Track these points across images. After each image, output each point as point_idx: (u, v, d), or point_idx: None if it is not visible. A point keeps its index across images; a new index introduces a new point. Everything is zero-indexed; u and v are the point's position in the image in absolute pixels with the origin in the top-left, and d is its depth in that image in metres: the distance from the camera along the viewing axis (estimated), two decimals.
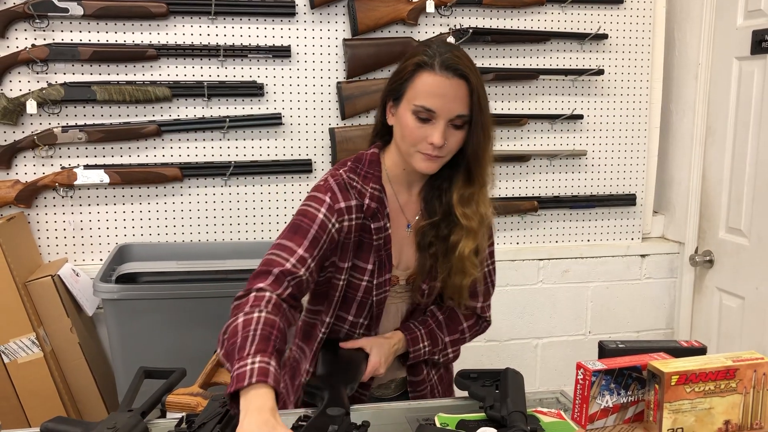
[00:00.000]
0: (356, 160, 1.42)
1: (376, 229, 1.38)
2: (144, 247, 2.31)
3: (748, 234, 2.40)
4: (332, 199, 1.36)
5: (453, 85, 1.27)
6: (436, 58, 1.29)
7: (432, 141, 1.28)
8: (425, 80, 1.29)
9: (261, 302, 1.20)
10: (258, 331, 1.12)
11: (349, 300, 1.43)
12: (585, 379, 0.95)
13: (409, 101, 1.31)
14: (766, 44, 2.28)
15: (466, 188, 1.38)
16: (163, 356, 1.94)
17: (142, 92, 2.26)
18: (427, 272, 1.44)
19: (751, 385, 0.96)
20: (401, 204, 1.44)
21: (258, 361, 1.06)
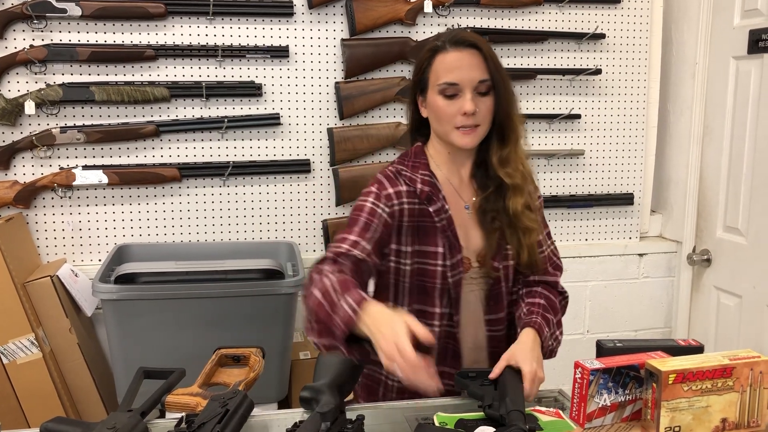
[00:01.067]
0: (402, 156, 1.50)
1: (435, 211, 1.42)
2: (143, 248, 2.31)
3: (745, 233, 2.41)
4: (379, 188, 1.42)
5: (467, 56, 1.37)
6: (446, 40, 1.40)
7: (464, 110, 1.36)
8: (441, 60, 1.39)
9: (324, 272, 1.27)
10: (336, 285, 1.21)
11: (429, 290, 1.44)
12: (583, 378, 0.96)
13: (433, 85, 1.40)
14: (762, 43, 2.28)
15: (501, 149, 1.43)
16: (163, 356, 1.94)
17: (141, 93, 2.26)
18: (496, 249, 1.46)
19: (748, 383, 0.96)
20: (455, 187, 1.48)
21: (350, 297, 1.17)
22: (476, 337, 1.49)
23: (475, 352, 1.50)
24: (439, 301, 1.45)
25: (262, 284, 2.01)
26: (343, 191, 2.44)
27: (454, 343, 1.47)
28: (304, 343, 2.39)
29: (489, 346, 1.50)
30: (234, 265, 2.06)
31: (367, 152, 2.46)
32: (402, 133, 2.46)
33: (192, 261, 2.14)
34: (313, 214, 2.47)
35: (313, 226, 2.48)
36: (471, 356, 1.49)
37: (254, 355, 1.47)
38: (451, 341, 1.47)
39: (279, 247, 2.36)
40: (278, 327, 2.06)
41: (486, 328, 1.49)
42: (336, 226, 2.46)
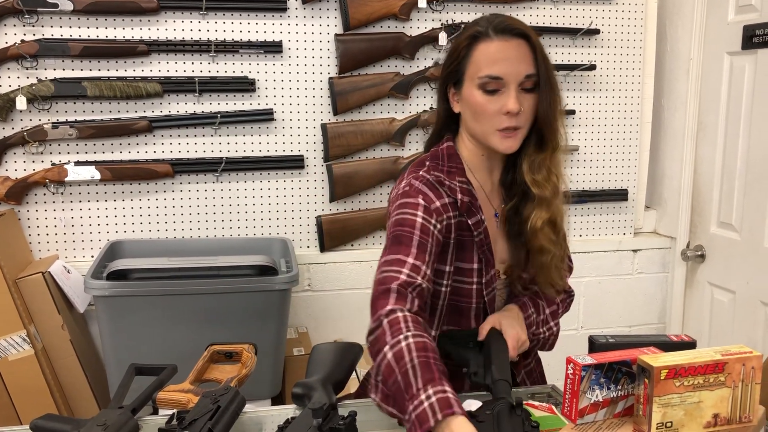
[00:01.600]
0: (433, 158, 1.33)
1: (474, 224, 1.29)
2: (135, 244, 2.30)
3: (739, 229, 2.41)
4: (426, 200, 1.26)
5: (514, 46, 1.22)
6: (489, 26, 1.24)
7: (508, 109, 1.21)
8: (484, 50, 1.23)
9: (400, 325, 1.09)
10: (415, 360, 1.03)
11: (465, 310, 1.33)
12: (575, 374, 0.95)
13: (472, 78, 1.25)
14: (757, 39, 2.28)
15: (536, 154, 1.28)
16: (155, 353, 1.93)
17: (133, 88, 2.25)
18: (524, 261, 1.35)
19: (740, 378, 0.96)
20: (487, 194, 1.36)
21: (433, 393, 0.98)
22: None
23: None
24: (475, 322, 1.34)
25: (256, 280, 2.00)
26: (337, 187, 2.43)
27: None
28: (298, 339, 2.39)
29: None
30: (227, 261, 2.05)
31: (361, 148, 2.45)
32: (396, 128, 2.46)
33: (185, 257, 2.13)
34: (306, 210, 2.47)
35: (306, 222, 2.47)
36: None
37: (246, 351, 1.47)
38: None
39: (272, 244, 2.36)
40: (272, 323, 2.05)
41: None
42: (330, 223, 2.45)
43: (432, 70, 2.45)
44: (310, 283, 2.48)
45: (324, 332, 2.48)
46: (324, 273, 2.49)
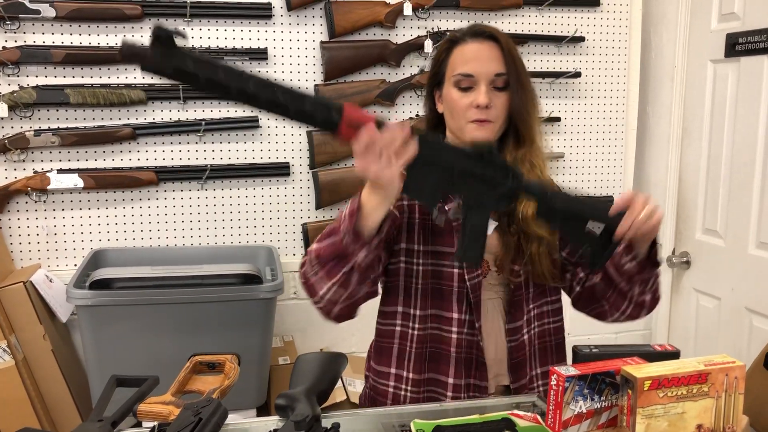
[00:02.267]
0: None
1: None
2: (119, 252, 2.28)
3: (723, 235, 2.42)
4: None
5: (485, 48, 1.33)
6: (465, 31, 1.37)
7: (477, 102, 1.31)
8: (459, 51, 1.35)
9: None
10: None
11: (446, 293, 1.38)
12: (558, 385, 0.95)
13: (449, 78, 1.36)
14: (739, 47, 2.30)
15: (517, 150, 1.36)
16: (139, 363, 1.92)
17: (117, 95, 2.23)
18: (514, 252, 1.38)
19: (723, 388, 0.96)
20: None
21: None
22: (497, 348, 1.42)
23: (496, 363, 1.42)
24: (457, 306, 1.38)
25: (240, 289, 1.98)
26: (323, 194, 2.42)
27: (479, 352, 1.39)
28: (283, 348, 2.37)
29: (509, 358, 1.42)
30: (211, 270, 2.04)
31: (347, 155, 2.44)
32: None
33: (168, 266, 2.11)
34: (292, 218, 2.46)
35: (292, 229, 2.46)
36: (493, 368, 1.42)
37: (229, 362, 1.45)
38: (475, 351, 1.39)
39: (258, 252, 2.34)
40: (257, 332, 2.04)
41: (507, 338, 1.41)
42: (316, 230, 2.44)
43: (418, 77, 2.45)
44: (296, 292, 2.46)
45: (310, 341, 2.47)
46: None
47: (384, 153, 1.04)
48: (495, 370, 1.42)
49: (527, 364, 1.43)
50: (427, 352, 1.41)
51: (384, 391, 1.46)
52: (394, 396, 1.45)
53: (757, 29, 2.23)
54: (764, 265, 2.23)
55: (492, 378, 1.42)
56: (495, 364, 1.42)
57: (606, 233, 1.23)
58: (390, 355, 1.45)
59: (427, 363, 1.42)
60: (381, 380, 1.47)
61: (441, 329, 1.40)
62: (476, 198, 1.17)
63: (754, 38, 2.24)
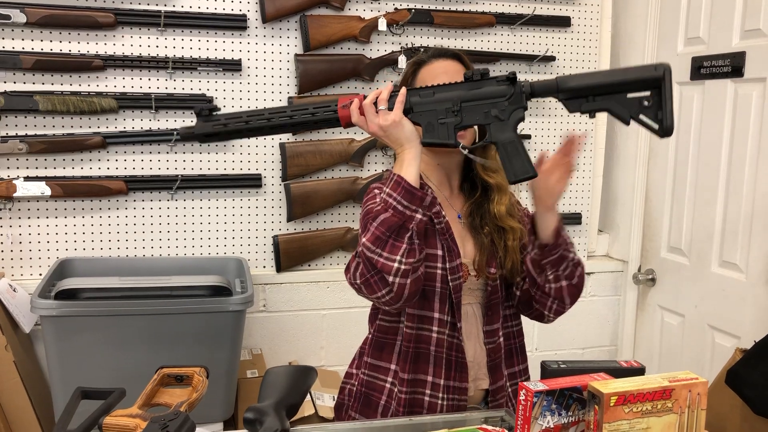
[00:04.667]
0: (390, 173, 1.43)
1: (434, 213, 1.42)
2: (86, 262, 2.24)
3: (688, 253, 2.48)
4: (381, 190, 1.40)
5: (449, 65, 1.44)
6: (428, 54, 1.47)
7: None
8: (425, 70, 1.45)
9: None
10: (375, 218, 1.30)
11: (429, 294, 1.43)
12: (527, 400, 0.96)
13: None
14: (704, 70, 2.37)
15: (484, 152, 1.45)
16: (105, 376, 1.88)
17: (87, 103, 2.21)
18: (489, 252, 1.46)
19: (686, 404, 0.98)
20: (446, 197, 1.50)
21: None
22: (476, 351, 1.47)
23: (475, 366, 1.47)
24: (439, 306, 1.43)
25: (209, 301, 1.97)
26: (295, 207, 2.42)
27: (459, 354, 1.44)
28: (251, 361, 2.35)
29: (488, 360, 1.48)
30: (180, 281, 2.02)
31: (319, 168, 2.45)
32: (355, 149, 2.46)
33: (136, 277, 2.09)
34: (263, 230, 2.45)
35: (264, 242, 2.45)
36: (473, 370, 1.47)
37: (198, 374, 1.43)
38: (455, 352, 1.44)
39: (228, 263, 2.33)
40: (225, 345, 2.02)
41: (485, 341, 1.48)
42: (287, 243, 2.43)
43: None
44: (265, 304, 2.45)
45: (279, 354, 2.46)
46: (280, 293, 2.46)
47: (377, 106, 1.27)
48: (474, 372, 1.47)
49: (502, 366, 1.50)
50: (412, 351, 1.45)
51: (381, 386, 1.49)
52: (389, 392, 1.48)
53: (720, 53, 2.29)
54: (726, 283, 2.29)
55: (471, 381, 1.47)
56: (474, 367, 1.47)
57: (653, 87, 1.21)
58: (392, 351, 1.48)
59: (411, 363, 1.45)
60: (380, 375, 1.50)
61: (422, 328, 1.45)
62: (488, 116, 1.27)
63: (718, 62, 2.30)
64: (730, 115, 2.28)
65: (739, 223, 2.24)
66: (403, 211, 1.28)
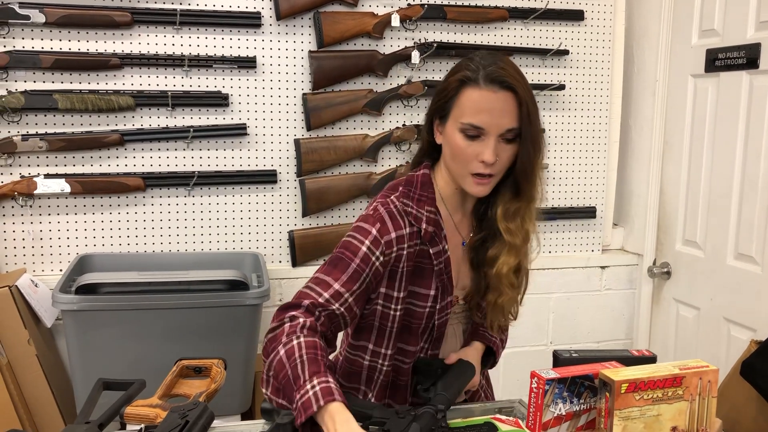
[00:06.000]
0: (407, 184, 1.36)
1: (435, 253, 1.33)
2: (105, 258, 2.28)
3: (703, 246, 2.47)
4: (380, 231, 1.29)
5: (500, 99, 1.22)
6: (480, 72, 1.23)
7: (483, 159, 1.24)
8: (470, 96, 1.24)
9: (296, 329, 1.17)
10: (304, 356, 1.12)
11: (413, 329, 1.38)
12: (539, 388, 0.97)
13: (455, 120, 1.27)
14: (719, 62, 2.36)
15: (512, 203, 1.33)
16: (124, 368, 1.92)
17: (105, 101, 2.24)
18: (483, 290, 1.40)
19: (697, 392, 0.99)
20: (456, 223, 1.40)
21: (317, 383, 1.08)
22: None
23: None
24: (421, 338, 1.40)
25: (226, 295, 2.00)
26: (310, 202, 2.44)
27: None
28: None
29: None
30: (197, 275, 2.05)
31: (334, 164, 2.47)
32: (369, 145, 2.48)
33: (155, 271, 2.12)
34: (279, 225, 2.47)
35: (279, 237, 2.48)
36: None
37: (216, 366, 1.46)
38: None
39: (244, 258, 2.36)
40: (242, 338, 2.05)
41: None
42: (302, 238, 2.46)
43: (405, 87, 2.48)
44: (281, 298, 2.47)
45: None
46: (296, 288, 2.42)
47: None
48: None
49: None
50: (389, 381, 1.43)
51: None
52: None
53: (735, 45, 2.28)
54: (742, 275, 2.28)
55: None
56: None
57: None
58: (359, 380, 1.46)
59: (388, 390, 1.44)
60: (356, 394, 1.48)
61: (402, 361, 1.42)
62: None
63: (733, 54, 2.29)
64: (745, 107, 2.27)
65: (754, 215, 2.23)
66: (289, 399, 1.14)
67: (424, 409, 1.14)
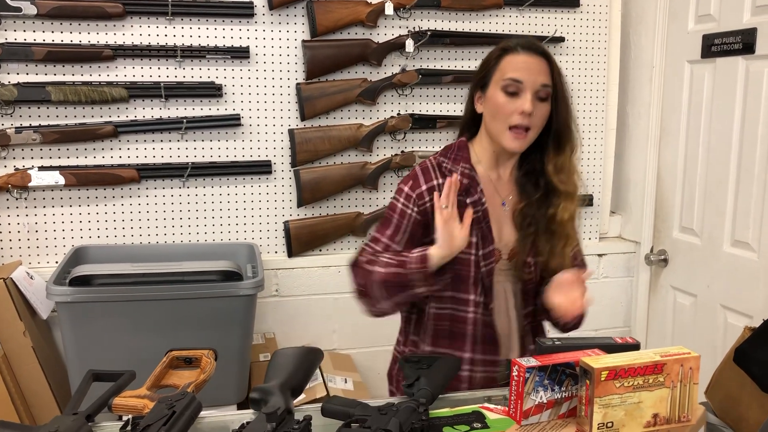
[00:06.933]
0: (445, 148, 1.56)
1: (472, 203, 1.47)
2: (100, 249, 2.29)
3: (700, 233, 2.46)
4: (412, 187, 1.49)
5: (535, 61, 1.45)
6: (517, 43, 1.47)
7: (523, 108, 1.41)
8: (510, 60, 1.45)
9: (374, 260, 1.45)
10: (393, 257, 1.44)
11: (464, 278, 1.49)
12: (519, 376, 0.97)
13: (497, 81, 1.46)
14: (715, 48, 2.33)
15: (557, 156, 1.49)
16: (119, 359, 1.92)
17: (98, 93, 2.24)
18: (529, 249, 1.52)
19: (678, 379, 0.99)
20: (493, 182, 1.54)
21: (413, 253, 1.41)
22: (507, 326, 1.55)
23: (508, 339, 1.56)
24: (474, 289, 1.50)
25: (220, 286, 2.00)
26: (305, 192, 2.44)
27: (491, 330, 1.52)
28: (264, 345, 2.39)
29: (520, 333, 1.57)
30: (191, 266, 2.05)
31: (328, 153, 2.46)
32: (363, 134, 2.47)
33: (148, 263, 2.12)
34: (274, 216, 2.47)
35: (274, 227, 2.48)
36: (505, 344, 1.55)
37: (206, 357, 1.47)
38: (487, 329, 1.52)
39: (239, 249, 2.36)
40: (237, 329, 2.05)
41: (516, 316, 1.56)
42: (298, 228, 2.46)
43: (399, 76, 2.47)
44: (277, 289, 2.48)
45: (292, 338, 2.48)
46: (292, 278, 2.49)
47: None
48: (506, 344, 1.55)
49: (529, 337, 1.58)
50: (447, 329, 1.54)
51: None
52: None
53: (732, 30, 2.26)
54: (738, 262, 2.27)
55: (503, 354, 1.54)
56: (505, 341, 1.55)
57: None
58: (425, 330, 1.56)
59: (448, 340, 1.54)
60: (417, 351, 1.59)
61: (458, 309, 1.52)
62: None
63: (729, 39, 2.27)
64: (741, 92, 2.24)
65: (751, 201, 2.22)
66: (413, 281, 1.39)
67: (405, 404, 1.15)
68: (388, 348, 2.58)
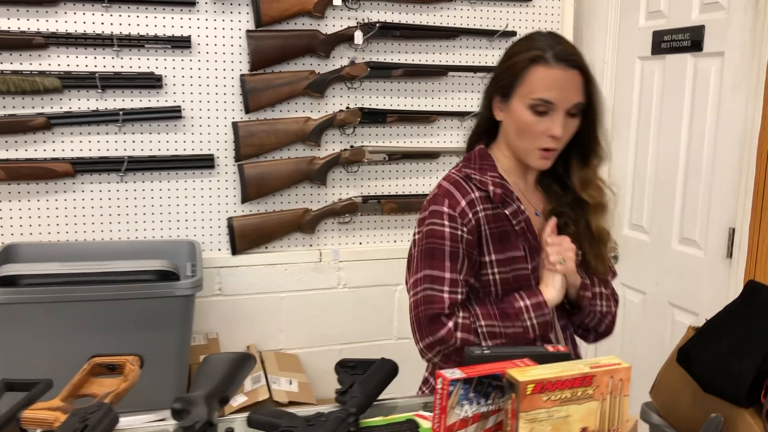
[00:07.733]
0: (466, 159, 1.42)
1: (512, 213, 1.37)
2: (32, 248, 2.19)
3: (649, 230, 2.45)
4: (450, 205, 1.34)
5: (569, 77, 1.28)
6: (549, 51, 1.29)
7: (553, 133, 1.29)
8: (541, 74, 1.28)
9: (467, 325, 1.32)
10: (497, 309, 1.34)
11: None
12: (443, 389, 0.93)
13: (524, 96, 1.30)
14: (665, 44, 2.32)
15: (582, 170, 1.40)
16: (48, 365, 1.82)
17: (29, 82, 2.14)
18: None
19: (608, 391, 0.95)
20: (522, 191, 1.43)
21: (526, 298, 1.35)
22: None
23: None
24: None
25: (155, 286, 1.92)
26: (249, 188, 2.37)
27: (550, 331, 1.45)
28: (206, 346, 2.32)
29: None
30: (124, 266, 1.97)
31: (274, 147, 2.39)
32: (311, 128, 2.40)
33: (79, 262, 2.03)
34: (217, 212, 2.40)
35: (218, 224, 2.40)
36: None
37: (130, 363, 1.39)
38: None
39: (179, 247, 2.28)
40: (174, 330, 1.98)
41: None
42: (242, 225, 2.39)
43: (348, 69, 2.41)
44: (221, 288, 2.40)
45: (236, 338, 2.42)
46: (236, 277, 2.42)
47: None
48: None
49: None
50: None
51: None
52: None
53: (681, 27, 2.24)
54: (686, 259, 2.27)
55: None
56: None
57: None
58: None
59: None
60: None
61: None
62: None
63: (679, 36, 2.26)
64: (690, 90, 2.23)
65: (698, 199, 2.21)
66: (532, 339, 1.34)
67: (335, 414, 1.10)
68: (335, 347, 2.55)
